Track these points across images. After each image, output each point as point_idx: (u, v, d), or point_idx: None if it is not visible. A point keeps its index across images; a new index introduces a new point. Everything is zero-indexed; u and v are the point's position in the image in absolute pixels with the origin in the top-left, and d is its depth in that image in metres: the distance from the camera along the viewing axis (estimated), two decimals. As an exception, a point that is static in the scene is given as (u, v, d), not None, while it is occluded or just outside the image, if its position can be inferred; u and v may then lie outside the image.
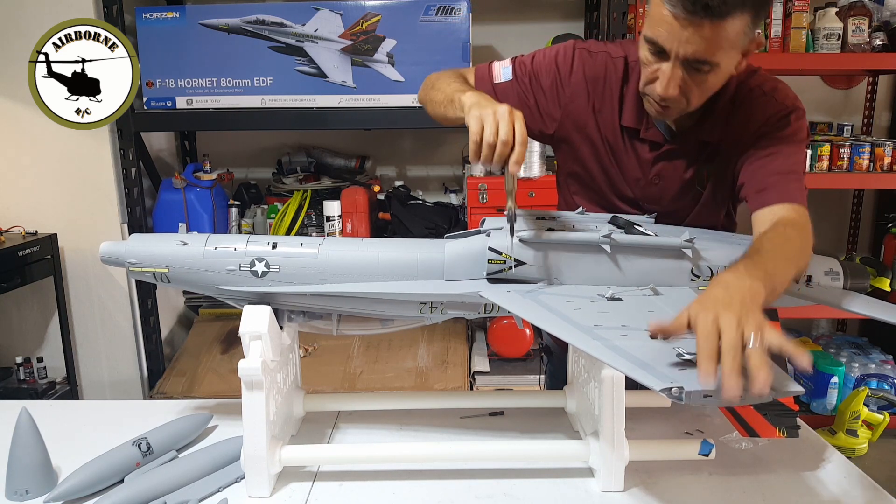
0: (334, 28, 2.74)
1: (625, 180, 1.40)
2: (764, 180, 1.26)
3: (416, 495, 1.16)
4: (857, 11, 2.90)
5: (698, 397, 0.79)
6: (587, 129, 1.37)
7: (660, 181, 1.38)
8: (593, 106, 1.36)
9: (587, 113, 1.37)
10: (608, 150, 1.38)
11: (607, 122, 1.36)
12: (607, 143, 1.37)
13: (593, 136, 1.38)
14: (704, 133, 1.33)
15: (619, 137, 1.37)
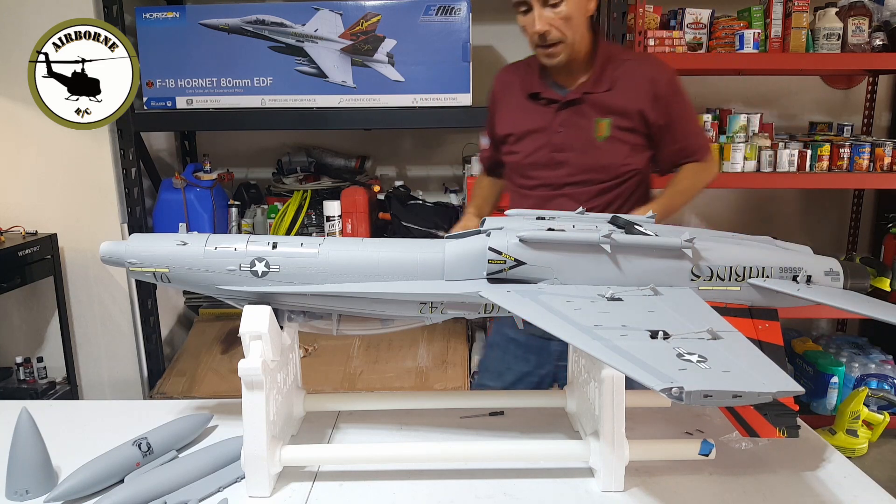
0: (334, 28, 2.74)
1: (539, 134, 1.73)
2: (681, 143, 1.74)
3: (416, 495, 1.16)
4: (857, 11, 2.90)
5: (698, 397, 0.79)
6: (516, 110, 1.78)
7: (563, 129, 1.70)
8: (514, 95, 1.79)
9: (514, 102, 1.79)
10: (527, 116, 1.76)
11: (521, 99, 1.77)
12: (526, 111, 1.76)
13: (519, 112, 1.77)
14: (588, 87, 1.69)
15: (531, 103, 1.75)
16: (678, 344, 0.91)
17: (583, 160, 1.69)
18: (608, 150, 1.69)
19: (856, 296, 1.23)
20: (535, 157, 1.73)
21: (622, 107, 1.67)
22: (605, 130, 1.67)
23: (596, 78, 1.69)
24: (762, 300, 1.20)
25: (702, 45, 2.99)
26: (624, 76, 1.69)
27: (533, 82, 1.74)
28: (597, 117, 1.68)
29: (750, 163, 2.93)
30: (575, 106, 1.69)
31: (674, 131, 1.72)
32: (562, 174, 1.72)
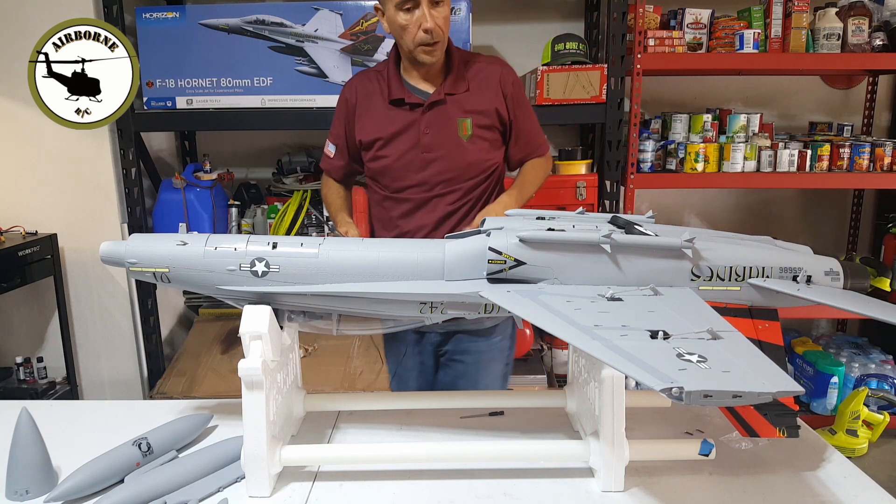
0: (334, 28, 2.74)
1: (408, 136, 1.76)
2: (528, 139, 1.88)
3: (416, 495, 1.16)
4: (857, 11, 2.90)
5: (698, 397, 0.79)
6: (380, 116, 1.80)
7: (430, 130, 1.75)
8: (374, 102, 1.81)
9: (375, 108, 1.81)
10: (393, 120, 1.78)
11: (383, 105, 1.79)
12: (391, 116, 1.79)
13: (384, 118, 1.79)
14: (448, 87, 1.76)
15: (394, 109, 1.78)
16: (678, 344, 0.91)
17: (450, 159, 1.76)
18: (472, 148, 1.77)
19: (856, 296, 1.23)
20: (405, 158, 1.77)
21: (481, 106, 1.77)
22: (468, 129, 1.76)
23: (454, 80, 1.77)
24: (762, 300, 1.20)
25: (702, 45, 2.99)
26: (478, 76, 1.79)
27: (393, 88, 1.77)
28: (459, 117, 1.76)
29: (750, 163, 2.94)
30: (438, 107, 1.75)
31: (522, 128, 1.85)
32: (433, 174, 1.77)
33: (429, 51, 1.70)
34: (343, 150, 1.89)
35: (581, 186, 2.83)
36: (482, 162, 1.79)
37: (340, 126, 1.87)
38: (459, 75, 1.78)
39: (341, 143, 1.88)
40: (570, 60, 2.75)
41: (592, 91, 2.69)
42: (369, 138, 1.79)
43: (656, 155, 3.02)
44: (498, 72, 1.81)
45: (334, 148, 1.90)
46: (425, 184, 1.78)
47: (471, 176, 1.79)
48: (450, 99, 1.76)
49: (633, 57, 2.80)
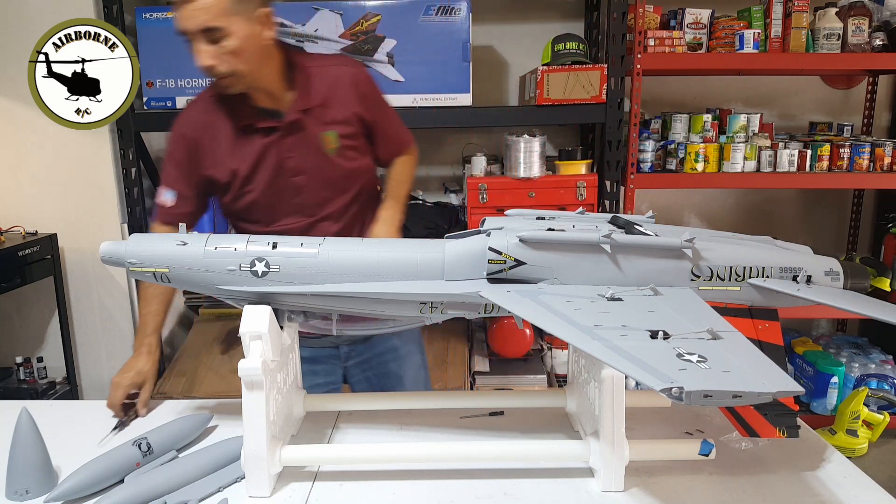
0: (334, 28, 2.74)
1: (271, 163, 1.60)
2: (394, 138, 1.76)
3: (416, 495, 1.16)
4: (857, 11, 2.90)
5: (698, 397, 0.79)
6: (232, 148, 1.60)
7: (293, 153, 1.60)
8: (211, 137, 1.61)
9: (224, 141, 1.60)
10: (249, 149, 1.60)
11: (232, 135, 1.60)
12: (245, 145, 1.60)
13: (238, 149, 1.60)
14: (301, 103, 1.59)
15: (246, 137, 1.60)
16: (678, 344, 0.91)
17: (322, 177, 1.63)
18: (341, 160, 1.64)
19: (856, 296, 1.23)
20: (274, 187, 1.61)
21: (341, 115, 1.63)
22: (334, 142, 1.63)
23: (304, 93, 1.60)
24: (762, 300, 1.20)
25: (702, 45, 2.99)
26: (330, 84, 1.63)
27: (240, 114, 1.59)
28: (321, 132, 1.61)
29: (750, 163, 2.94)
30: (297, 126, 1.59)
31: (385, 128, 1.73)
32: (307, 197, 1.64)
33: (224, 85, 1.53)
34: (188, 195, 1.63)
35: (581, 186, 2.83)
36: (355, 172, 1.67)
37: (179, 168, 1.62)
38: (309, 87, 1.61)
39: (183, 188, 1.63)
40: (570, 60, 2.75)
41: (592, 91, 2.70)
42: (226, 176, 1.60)
43: (656, 155, 3.02)
44: (350, 74, 1.66)
45: (173, 195, 1.63)
46: (303, 209, 1.64)
47: (346, 188, 1.67)
48: (306, 115, 1.59)
49: (633, 57, 2.81)
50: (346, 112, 1.64)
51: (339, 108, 1.63)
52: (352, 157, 1.66)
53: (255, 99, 1.59)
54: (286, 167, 1.60)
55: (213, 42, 1.49)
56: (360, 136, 1.68)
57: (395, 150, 1.78)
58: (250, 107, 1.59)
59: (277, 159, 1.60)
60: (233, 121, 1.59)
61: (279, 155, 1.60)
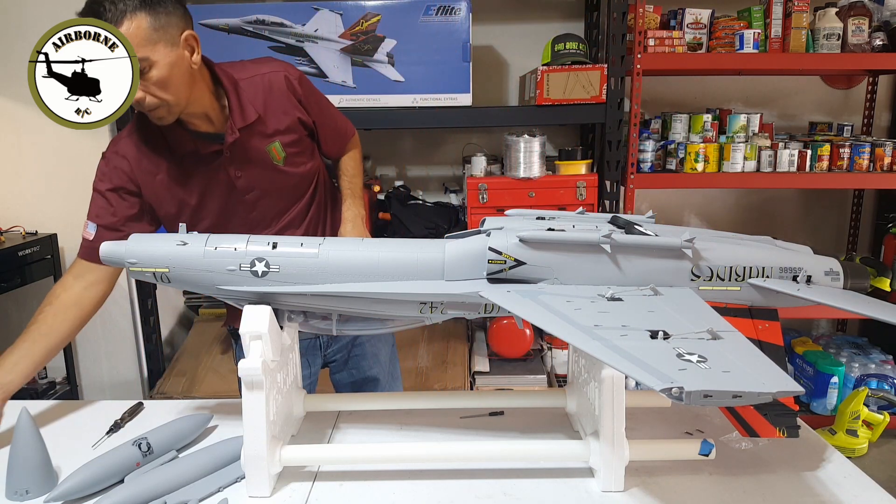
0: (334, 28, 2.74)
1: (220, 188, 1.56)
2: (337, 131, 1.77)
3: (416, 495, 1.16)
4: (857, 11, 2.90)
5: (698, 397, 0.79)
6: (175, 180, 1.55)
7: (241, 172, 1.57)
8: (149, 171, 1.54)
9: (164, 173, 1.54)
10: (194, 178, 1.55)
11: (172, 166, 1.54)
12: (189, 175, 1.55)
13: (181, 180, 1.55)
14: (238, 122, 1.52)
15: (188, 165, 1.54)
16: (678, 344, 0.91)
17: (275, 190, 1.61)
18: (291, 168, 1.62)
19: (856, 296, 1.23)
20: (227, 211, 1.59)
21: (281, 124, 1.59)
22: (280, 153, 1.59)
23: (238, 111, 1.53)
24: (762, 300, 1.20)
25: (702, 45, 2.99)
26: (264, 94, 1.57)
27: (178, 144, 1.52)
28: (265, 146, 1.57)
29: (750, 163, 2.94)
30: (239, 145, 1.54)
31: (327, 125, 1.71)
32: (262, 211, 1.62)
33: (156, 117, 1.45)
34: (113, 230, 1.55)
35: (581, 186, 2.83)
36: (307, 175, 1.66)
37: (108, 201, 1.55)
38: (242, 102, 1.54)
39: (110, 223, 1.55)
40: (570, 60, 2.75)
41: (592, 91, 2.70)
42: (174, 208, 1.56)
43: (656, 155, 3.02)
44: (281, 77, 1.59)
45: (95, 228, 1.55)
46: (259, 223, 1.62)
47: (300, 195, 1.67)
48: (246, 132, 1.53)
49: (633, 57, 2.81)
50: (287, 120, 1.59)
51: (278, 118, 1.58)
52: (301, 162, 1.64)
53: (191, 125, 1.52)
54: (237, 187, 1.57)
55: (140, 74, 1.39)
56: (304, 140, 1.65)
57: (340, 142, 1.79)
58: (188, 133, 1.52)
59: (227, 181, 1.56)
60: (170, 152, 1.53)
61: (227, 177, 1.56)
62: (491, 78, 3.28)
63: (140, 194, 1.56)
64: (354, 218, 1.74)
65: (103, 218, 1.56)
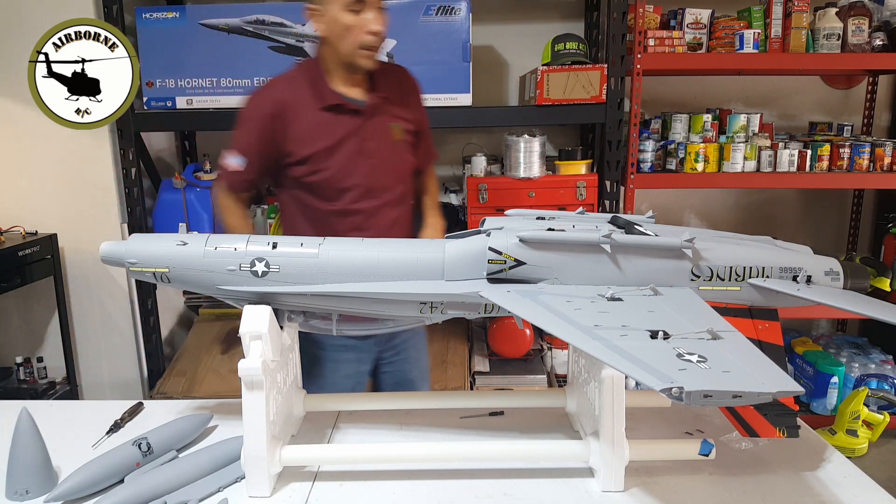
0: (334, 28, 2.74)
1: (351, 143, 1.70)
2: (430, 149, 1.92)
3: (416, 495, 1.16)
4: (857, 11, 2.90)
5: (698, 397, 0.79)
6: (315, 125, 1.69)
7: (373, 136, 1.72)
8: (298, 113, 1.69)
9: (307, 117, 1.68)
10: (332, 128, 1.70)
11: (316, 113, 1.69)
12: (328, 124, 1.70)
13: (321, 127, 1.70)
14: (381, 92, 1.74)
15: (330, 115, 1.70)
16: (678, 344, 0.91)
17: (389, 163, 1.76)
18: (402, 153, 1.79)
19: (856, 296, 1.23)
20: (349, 167, 1.70)
21: (406, 113, 1.79)
22: (399, 134, 1.77)
23: (383, 85, 1.75)
24: (762, 300, 1.20)
25: (702, 45, 2.99)
26: (397, 82, 1.81)
27: (324, 95, 1.69)
28: (391, 122, 1.75)
29: (750, 163, 2.94)
30: (375, 112, 1.72)
31: (426, 135, 1.89)
32: (375, 180, 1.73)
33: (370, 55, 1.67)
34: (255, 163, 1.71)
35: (581, 186, 2.83)
36: (409, 165, 1.81)
37: (253, 137, 1.69)
38: (379, 81, 1.75)
39: (253, 157, 1.70)
40: (570, 60, 2.75)
41: (592, 91, 2.69)
42: (308, 151, 1.68)
43: (656, 155, 3.02)
44: (412, 79, 1.84)
45: (242, 161, 1.70)
46: (370, 192, 1.72)
47: (404, 179, 1.80)
48: (380, 104, 1.73)
49: (633, 57, 2.81)
50: (409, 113, 1.80)
51: (404, 107, 1.79)
52: (408, 151, 1.80)
53: (336, 83, 1.71)
54: (363, 149, 1.71)
55: (381, 10, 1.66)
56: (412, 136, 1.81)
57: (428, 159, 1.93)
58: (332, 90, 1.70)
59: (357, 140, 1.70)
60: (317, 102, 1.69)
61: (359, 137, 1.70)
62: (491, 78, 3.28)
63: (284, 133, 1.68)
64: (435, 224, 1.89)
65: (246, 151, 1.70)
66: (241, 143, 1.70)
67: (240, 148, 1.70)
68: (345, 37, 1.64)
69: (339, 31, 1.64)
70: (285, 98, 1.68)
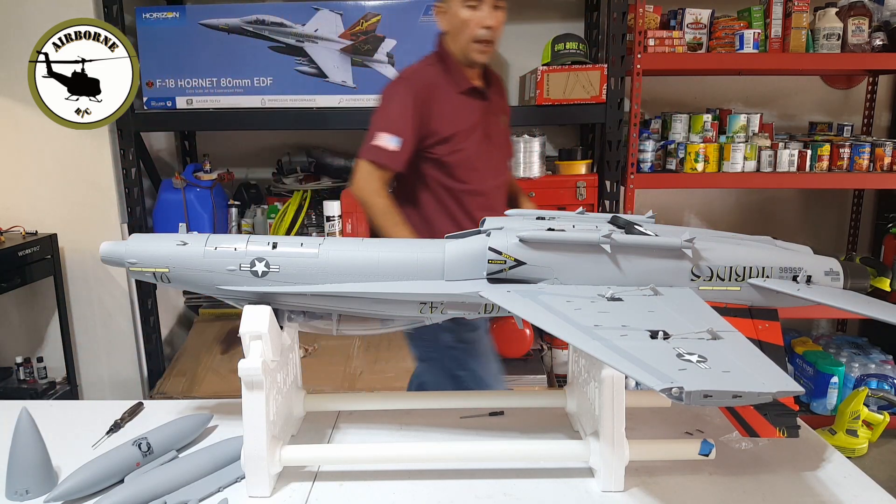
0: (334, 28, 2.74)
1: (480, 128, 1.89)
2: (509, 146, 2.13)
3: (416, 495, 1.16)
4: (857, 11, 2.90)
5: (698, 397, 0.79)
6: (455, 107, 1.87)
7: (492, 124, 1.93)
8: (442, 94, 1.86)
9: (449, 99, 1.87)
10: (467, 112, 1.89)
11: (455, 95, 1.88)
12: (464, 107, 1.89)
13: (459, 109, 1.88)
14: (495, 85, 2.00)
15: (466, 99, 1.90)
16: (678, 344, 0.91)
17: (503, 150, 2.00)
18: (508, 140, 2.05)
19: (856, 296, 1.23)
20: (480, 149, 1.88)
21: (506, 108, 2.04)
22: (504, 124, 2.01)
23: (493, 78, 1.97)
24: (762, 300, 1.20)
25: (702, 45, 2.99)
26: (496, 79, 2.02)
27: (460, 80, 1.88)
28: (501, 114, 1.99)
29: (750, 163, 2.94)
30: (495, 100, 1.96)
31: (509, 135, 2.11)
32: (496, 164, 1.95)
33: (484, 50, 1.83)
34: (410, 142, 1.82)
35: (581, 186, 2.83)
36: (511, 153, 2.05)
37: (409, 118, 1.81)
38: (492, 77, 1.97)
39: (409, 135, 1.81)
40: (570, 60, 2.75)
41: (592, 91, 2.69)
42: (451, 130, 1.83)
43: (656, 155, 3.02)
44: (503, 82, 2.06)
45: (399, 141, 1.80)
46: (494, 173, 1.92)
47: (508, 165, 2.03)
48: (496, 95, 1.97)
49: (633, 57, 2.81)
50: (506, 105, 2.06)
51: (505, 103, 2.06)
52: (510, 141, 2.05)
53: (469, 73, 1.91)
54: (488, 133, 1.91)
55: (497, 9, 1.80)
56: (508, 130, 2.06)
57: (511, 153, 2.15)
58: (466, 77, 1.89)
59: (485, 123, 1.90)
60: (455, 86, 1.87)
61: (486, 120, 1.90)
62: (491, 78, 3.28)
63: (430, 113, 1.83)
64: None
65: (401, 131, 1.81)
66: (397, 124, 1.81)
67: (395, 128, 1.80)
68: (462, 31, 1.82)
69: (457, 25, 1.82)
70: (432, 80, 1.86)
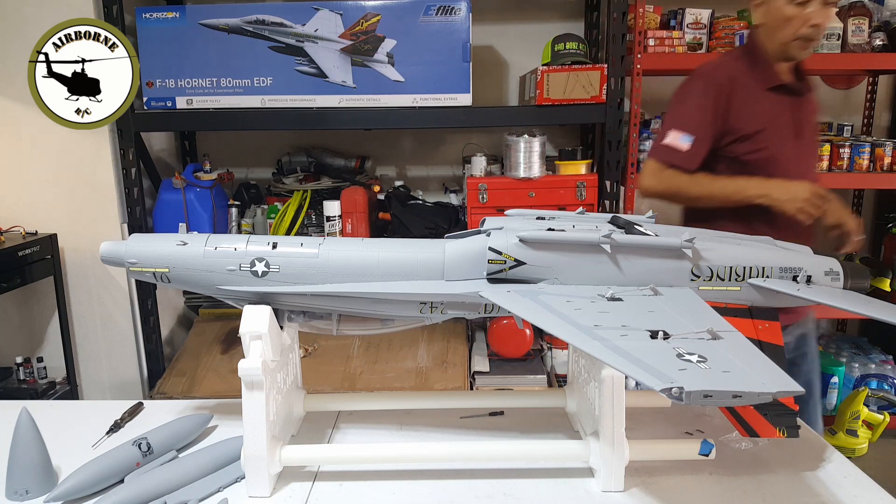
0: (334, 28, 2.74)
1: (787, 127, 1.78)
2: None
3: (416, 495, 1.16)
4: (857, 11, 2.90)
5: (698, 397, 0.79)
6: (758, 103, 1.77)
7: (805, 123, 1.80)
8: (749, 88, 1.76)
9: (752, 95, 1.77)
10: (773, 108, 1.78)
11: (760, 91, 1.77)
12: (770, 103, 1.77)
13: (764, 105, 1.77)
14: (808, 83, 1.85)
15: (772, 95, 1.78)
16: (678, 344, 0.91)
17: (812, 151, 1.85)
18: (817, 143, 1.93)
19: (856, 296, 1.23)
20: (786, 149, 1.76)
21: (818, 108, 1.88)
22: (817, 126, 1.88)
23: (798, 74, 1.82)
24: (762, 300, 1.20)
25: (702, 45, 2.99)
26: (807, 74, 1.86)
27: (769, 76, 1.77)
28: (815, 111, 1.85)
29: (750, 163, 2.93)
30: (808, 99, 1.83)
31: None
32: (804, 169, 1.80)
33: (806, 46, 1.74)
34: (707, 139, 1.75)
35: (581, 186, 2.83)
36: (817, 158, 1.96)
37: (707, 114, 1.74)
38: (804, 73, 1.84)
39: (706, 133, 1.75)
40: (570, 60, 2.75)
41: (592, 91, 2.69)
42: (753, 128, 1.74)
43: (656, 155, 3.01)
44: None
45: (690, 139, 1.75)
46: (798, 175, 1.77)
47: (815, 169, 1.90)
48: (810, 93, 1.84)
49: (633, 57, 2.80)
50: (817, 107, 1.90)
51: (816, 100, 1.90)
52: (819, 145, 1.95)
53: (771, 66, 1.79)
54: (797, 132, 1.78)
55: (829, 5, 1.70)
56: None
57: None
58: (776, 72, 1.79)
59: (793, 123, 1.77)
60: (762, 82, 1.77)
61: (795, 120, 1.78)
62: (491, 78, 3.28)
63: (729, 109, 1.74)
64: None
65: (696, 129, 1.75)
66: (691, 121, 1.76)
67: (688, 126, 1.76)
68: (783, 27, 1.72)
69: (779, 21, 1.73)
70: (735, 76, 1.76)
